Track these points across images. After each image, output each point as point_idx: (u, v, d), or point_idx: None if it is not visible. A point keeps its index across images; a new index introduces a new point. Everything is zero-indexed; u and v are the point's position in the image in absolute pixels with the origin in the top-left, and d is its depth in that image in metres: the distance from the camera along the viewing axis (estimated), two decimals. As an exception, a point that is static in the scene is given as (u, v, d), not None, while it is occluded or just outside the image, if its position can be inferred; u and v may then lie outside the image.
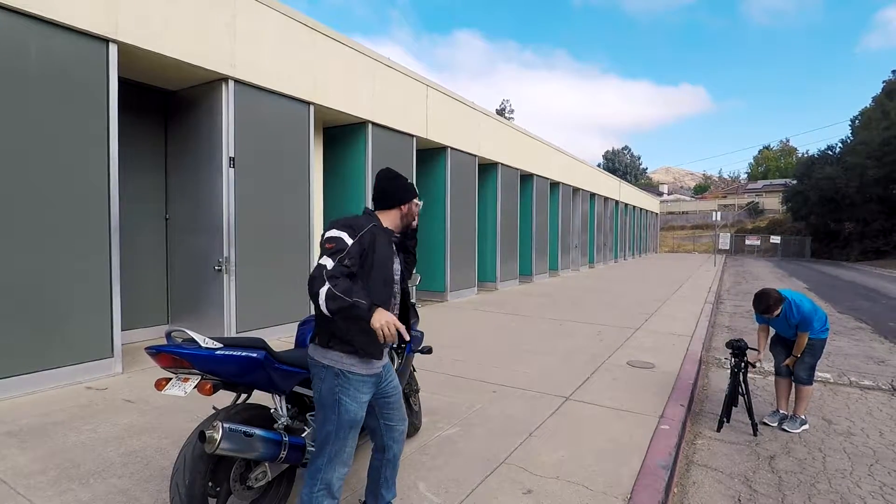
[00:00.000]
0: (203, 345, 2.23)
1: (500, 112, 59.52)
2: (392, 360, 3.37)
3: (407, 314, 2.44)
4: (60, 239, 4.56)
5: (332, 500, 2.14)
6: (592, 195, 21.22)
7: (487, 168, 12.70)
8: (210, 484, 2.30)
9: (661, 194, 64.87)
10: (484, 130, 12.00)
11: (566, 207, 17.92)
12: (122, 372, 4.95)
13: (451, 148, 10.67)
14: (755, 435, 4.07)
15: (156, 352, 2.21)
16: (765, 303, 4.14)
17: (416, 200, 2.38)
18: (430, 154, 10.66)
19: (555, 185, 16.93)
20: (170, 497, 2.17)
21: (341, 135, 8.55)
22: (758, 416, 4.25)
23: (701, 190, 78.83)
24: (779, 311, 4.13)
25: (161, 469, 3.03)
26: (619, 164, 72.30)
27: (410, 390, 3.65)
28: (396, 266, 2.33)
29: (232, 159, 6.03)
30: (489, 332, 7.48)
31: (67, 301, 4.62)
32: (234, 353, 2.27)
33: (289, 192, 6.85)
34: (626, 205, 27.58)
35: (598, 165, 68.07)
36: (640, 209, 31.87)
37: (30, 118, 4.36)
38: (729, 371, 4.27)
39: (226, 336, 5.90)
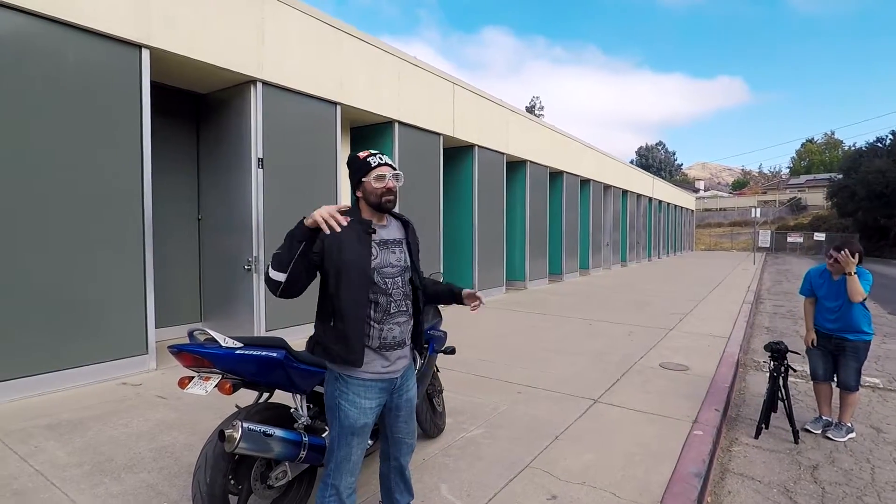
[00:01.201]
0: (223, 344, 2.25)
1: (530, 109, 58.94)
2: (414, 359, 3.34)
3: (419, 313, 2.29)
4: (97, 239, 4.71)
5: None
6: (624, 192, 20.76)
7: (516, 166, 12.56)
8: (232, 482, 2.32)
9: (696, 191, 63.05)
10: (512, 128, 11.87)
11: (597, 205, 17.58)
12: (155, 368, 5.09)
13: (479, 146, 10.59)
14: (796, 443, 3.87)
15: (178, 350, 2.23)
16: (851, 247, 3.77)
17: (365, 179, 2.10)
18: (458, 152, 10.61)
19: (585, 182, 16.63)
20: (192, 494, 2.19)
21: (368, 134, 8.59)
22: (799, 423, 4.05)
23: (739, 186, 76.23)
24: (856, 262, 3.74)
25: (189, 465, 3.08)
26: (653, 161, 70.60)
27: (434, 391, 3.61)
28: (382, 260, 2.10)
29: (260, 160, 6.12)
30: (516, 331, 7.38)
31: (104, 299, 4.77)
32: (254, 353, 2.28)
33: (316, 191, 6.91)
34: (660, 202, 26.89)
35: (631, 162, 66.65)
36: (675, 206, 31.02)
37: (67, 123, 4.52)
38: (768, 375, 4.07)
39: (255, 335, 6.02)
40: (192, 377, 2.35)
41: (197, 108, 6.78)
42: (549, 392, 4.63)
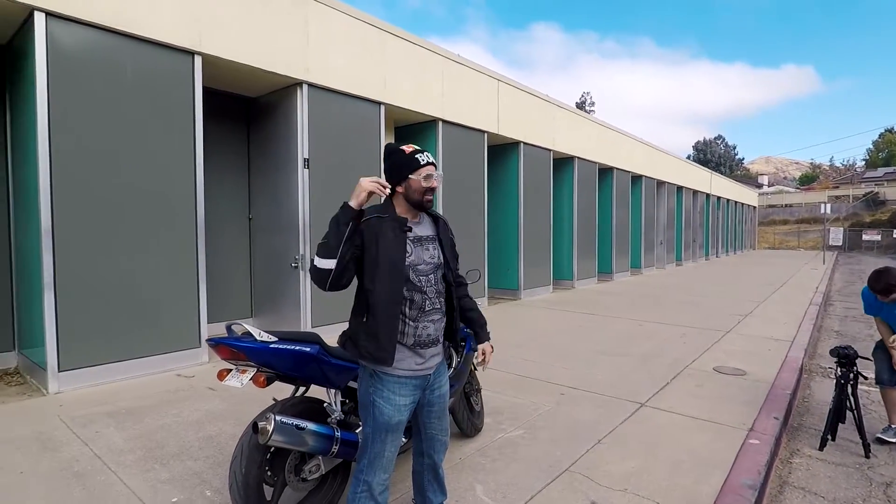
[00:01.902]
0: (258, 338, 2.29)
1: (581, 105, 57.65)
2: (451, 357, 3.31)
3: (453, 310, 2.26)
4: (156, 238, 4.97)
5: (375, 503, 2.07)
6: (679, 188, 19.89)
7: (563, 162, 12.29)
8: (269, 473, 2.36)
9: (760, 186, 59.63)
10: (559, 124, 11.62)
11: (650, 202, 16.94)
12: (207, 361, 5.32)
13: (524, 143, 10.43)
14: (867, 457, 3.55)
15: (215, 343, 2.29)
16: (884, 281, 3.50)
17: (412, 176, 2.05)
18: (503, 150, 10.49)
19: (637, 178, 16.06)
20: (228, 483, 2.25)
21: (412, 133, 8.63)
22: (870, 435, 3.71)
23: (808, 180, 71.43)
24: None
25: (232, 455, 3.18)
26: (712, 156, 67.31)
27: (471, 389, 3.57)
28: (416, 257, 2.08)
29: (306, 160, 6.27)
30: (562, 331, 7.20)
31: (162, 295, 5.03)
32: (287, 347, 2.31)
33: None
34: (719, 198, 25.59)
35: (688, 157, 63.88)
36: (736, 202, 29.45)
37: (128, 128, 4.79)
38: (834, 382, 3.76)
39: (300, 331, 6.17)
40: (231, 369, 2.41)
41: (248, 111, 7.04)
42: (593, 394, 4.47)
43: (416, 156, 2.08)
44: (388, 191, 2.00)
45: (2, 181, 5.13)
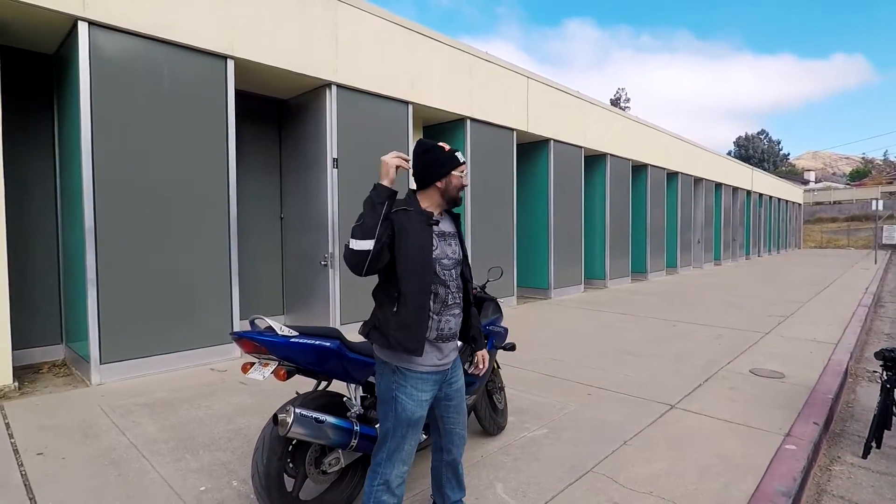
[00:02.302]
0: (279, 332, 2.34)
1: (615, 102, 56.53)
2: (472, 354, 3.29)
3: (469, 307, 2.28)
4: (192, 237, 5.15)
5: (392, 497, 2.08)
6: (718, 185, 19.24)
7: (595, 159, 12.07)
8: (291, 465, 2.41)
9: (806, 182, 57.04)
10: (590, 120, 11.42)
11: (686, 199, 16.46)
12: (239, 356, 5.47)
13: (554, 140, 10.30)
14: (915, 465, 3.34)
15: (238, 337, 2.36)
16: None
17: (454, 172, 2.12)
18: (532, 147, 10.39)
19: (672, 175, 15.63)
20: (251, 473, 2.31)
21: (440, 132, 8.65)
22: (920, 443, 3.50)
23: (859, 176, 67.86)
24: None
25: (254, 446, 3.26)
26: (754, 151, 64.84)
27: (494, 387, 3.55)
28: (441, 251, 2.12)
29: (335, 160, 6.37)
30: (592, 331, 7.08)
31: (197, 292, 5.21)
32: (307, 342, 2.35)
33: (388, 189, 7.07)
34: (761, 195, 24.64)
35: (729, 153, 61.77)
36: (779, 199, 28.28)
37: (163, 130, 4.97)
38: (880, 386, 3.56)
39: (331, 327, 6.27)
40: (254, 363, 2.47)
41: (280, 113, 7.21)
42: (621, 395, 4.38)
43: (456, 154, 2.15)
44: (409, 164, 2.07)
45: (51, 183, 5.42)
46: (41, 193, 5.37)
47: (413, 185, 2.25)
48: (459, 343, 2.32)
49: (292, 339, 2.33)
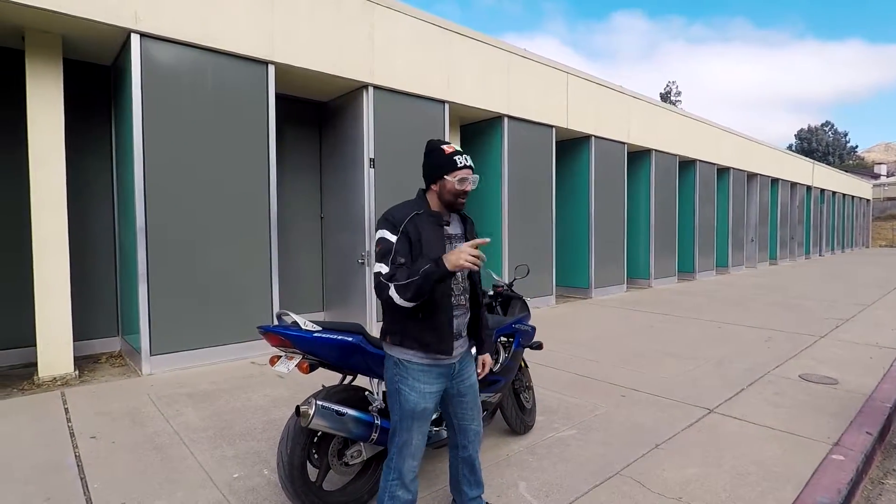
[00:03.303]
0: (303, 327, 2.42)
1: (665, 95, 54.59)
2: (498, 353, 3.29)
3: (478, 307, 2.29)
4: (233, 236, 5.38)
5: (406, 492, 2.11)
6: (774, 181, 18.25)
7: (639, 155, 11.73)
8: (316, 456, 2.49)
9: (876, 176, 53.17)
10: (634, 115, 11.10)
11: (738, 196, 15.71)
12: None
13: (596, 136, 10.07)
14: (982, 482, 3.08)
15: (264, 332, 2.45)
16: None
17: (448, 177, 2.08)
18: (572, 144, 10.21)
19: (723, 170, 14.96)
20: (276, 462, 2.40)
21: (477, 130, 8.65)
22: None
23: (938, 169, 62.54)
24: None
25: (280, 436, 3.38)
26: (818, 144, 60.96)
27: (521, 386, 3.53)
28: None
29: (372, 160, 6.48)
30: (631, 332, 6.89)
31: (240, 288, 5.44)
32: (330, 336, 2.42)
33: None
34: (823, 190, 23.19)
35: (790, 147, 58.52)
36: (844, 195, 26.53)
37: (207, 133, 5.22)
38: (941, 395, 3.29)
39: (366, 324, 6.40)
40: (281, 356, 2.56)
41: (321, 115, 7.41)
42: (656, 397, 4.25)
43: (455, 157, 2.11)
44: (482, 263, 1.92)
45: (109, 186, 5.80)
46: (101, 195, 5.75)
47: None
48: (471, 341, 2.33)
49: (315, 334, 2.40)
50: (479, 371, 2.37)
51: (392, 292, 1.92)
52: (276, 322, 2.56)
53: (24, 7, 4.23)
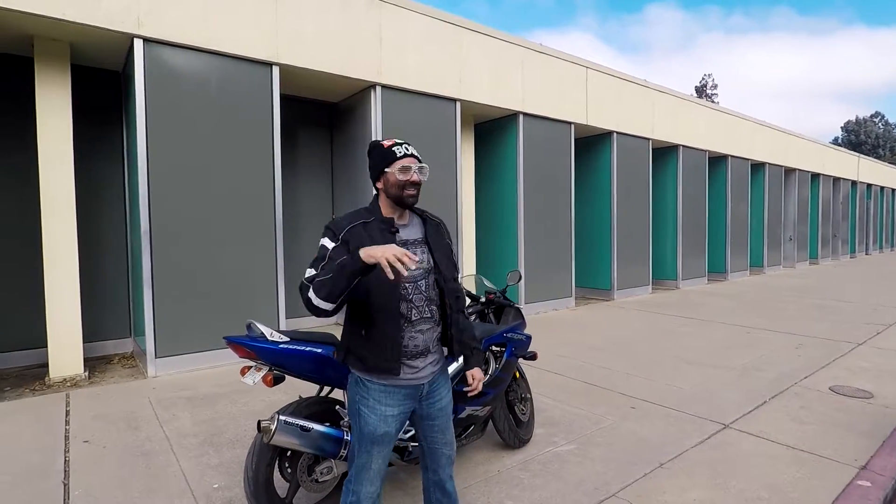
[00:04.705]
0: (270, 338, 2.32)
1: (701, 89, 52.81)
2: (488, 363, 3.13)
3: (447, 318, 2.04)
4: (237, 239, 5.37)
5: None
6: (815, 176, 17.33)
7: (665, 152, 11.29)
8: (289, 470, 2.40)
9: (931, 170, 50.08)
10: (659, 110, 10.68)
11: (775, 192, 14.98)
12: (285, 354, 5.63)
13: (617, 132, 9.72)
14: None
15: (230, 342, 2.37)
16: None
17: (388, 169, 1.93)
18: (592, 141, 9.89)
19: (758, 166, 14.28)
20: (243, 478, 2.31)
21: (492, 129, 8.46)
22: None
23: None
24: None
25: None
26: (867, 136, 57.87)
27: (516, 398, 3.35)
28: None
29: (380, 160, 6.38)
30: (651, 337, 6.58)
31: (244, 291, 5.42)
32: (297, 348, 2.32)
33: (436, 189, 6.99)
34: (869, 185, 21.92)
35: (835, 140, 55.86)
36: (893, 190, 25.04)
37: (212, 137, 5.22)
38: None
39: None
40: (251, 367, 2.48)
41: (330, 116, 7.36)
42: (668, 410, 4.00)
43: (393, 148, 1.97)
44: (412, 265, 1.69)
45: (121, 190, 5.89)
46: (113, 199, 5.84)
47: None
48: (450, 359, 2.14)
49: (281, 346, 2.31)
50: (470, 387, 2.17)
51: (310, 293, 1.78)
52: (246, 332, 2.47)
53: (29, 15, 4.30)
